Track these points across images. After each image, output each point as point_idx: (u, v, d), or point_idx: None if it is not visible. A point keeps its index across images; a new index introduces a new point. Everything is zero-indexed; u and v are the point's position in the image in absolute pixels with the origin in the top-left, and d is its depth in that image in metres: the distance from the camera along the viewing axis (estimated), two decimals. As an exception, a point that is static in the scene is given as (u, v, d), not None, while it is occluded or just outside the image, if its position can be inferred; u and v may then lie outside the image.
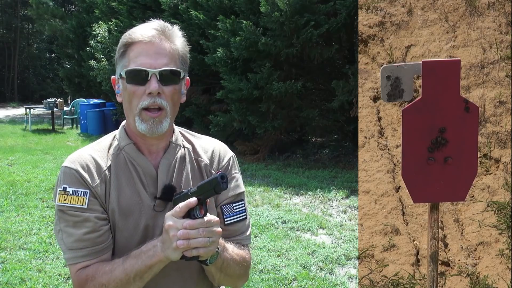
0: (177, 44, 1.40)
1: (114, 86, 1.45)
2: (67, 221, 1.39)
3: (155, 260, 1.28)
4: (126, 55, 1.37)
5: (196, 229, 1.21)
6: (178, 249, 1.22)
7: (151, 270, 1.30)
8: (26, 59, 32.80)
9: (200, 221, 1.23)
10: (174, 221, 1.23)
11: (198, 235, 1.21)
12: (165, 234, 1.25)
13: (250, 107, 9.06)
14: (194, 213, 1.25)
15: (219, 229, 1.26)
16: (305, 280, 4.08)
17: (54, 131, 14.83)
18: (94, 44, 13.88)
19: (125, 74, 1.36)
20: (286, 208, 6.20)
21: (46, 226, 5.50)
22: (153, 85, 1.34)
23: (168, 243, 1.24)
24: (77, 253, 1.38)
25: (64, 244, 1.40)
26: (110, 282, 1.32)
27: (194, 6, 10.09)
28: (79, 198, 1.38)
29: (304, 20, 8.11)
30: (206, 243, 1.22)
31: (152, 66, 1.34)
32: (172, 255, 1.25)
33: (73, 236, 1.38)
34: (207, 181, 1.25)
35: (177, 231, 1.22)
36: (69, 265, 1.40)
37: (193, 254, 1.24)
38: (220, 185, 1.21)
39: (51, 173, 8.33)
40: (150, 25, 1.39)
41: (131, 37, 1.37)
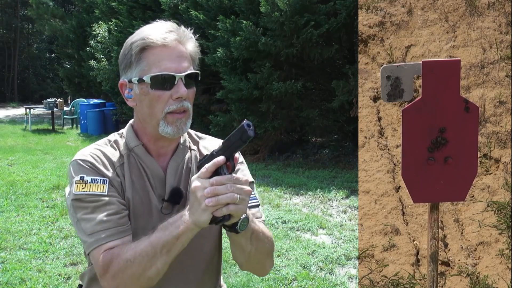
0: (192, 45, 1.40)
1: (121, 91, 1.42)
2: (86, 208, 1.34)
3: (182, 229, 1.21)
4: (144, 59, 1.34)
5: (224, 185, 1.15)
6: (207, 208, 1.16)
7: (179, 241, 1.23)
8: (26, 59, 32.80)
9: (227, 176, 1.17)
10: (201, 182, 1.17)
11: (226, 190, 1.15)
12: (192, 197, 1.19)
13: (250, 107, 9.06)
14: (221, 171, 1.19)
15: (248, 188, 1.19)
16: (305, 280, 4.08)
17: (54, 131, 14.83)
18: (94, 44, 13.89)
19: (149, 79, 1.33)
20: (286, 208, 6.20)
21: (46, 226, 5.50)
22: (182, 90, 1.33)
23: (196, 205, 1.18)
24: (100, 235, 1.32)
25: (83, 232, 1.33)
26: (136, 256, 1.26)
27: (194, 6, 10.09)
28: (98, 185, 1.35)
29: (304, 20, 8.11)
30: (236, 199, 1.15)
31: (178, 70, 1.33)
32: (201, 218, 1.18)
33: (94, 220, 1.32)
34: (232, 133, 1.17)
35: (204, 191, 1.16)
36: (93, 250, 1.32)
37: (224, 212, 1.17)
38: (247, 132, 1.13)
39: (51, 173, 8.33)
40: (163, 27, 1.37)
41: (148, 40, 1.33)
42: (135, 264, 1.25)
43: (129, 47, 1.36)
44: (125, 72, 1.39)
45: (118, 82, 1.43)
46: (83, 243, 1.36)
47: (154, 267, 1.25)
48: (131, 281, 1.27)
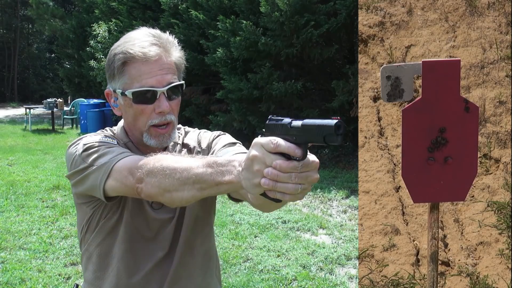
0: (175, 54, 1.38)
1: (108, 99, 1.42)
2: (98, 151, 1.31)
3: (227, 179, 1.07)
4: (127, 72, 1.33)
5: (288, 174, 0.97)
6: (260, 186, 1.00)
7: (217, 187, 1.10)
8: (26, 59, 32.80)
9: (294, 164, 0.97)
10: (263, 154, 0.98)
11: (288, 180, 0.97)
12: (249, 162, 1.01)
13: (250, 107, 9.06)
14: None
15: (316, 176, 1.00)
16: (305, 280, 4.08)
17: (54, 131, 14.83)
18: (94, 44, 13.88)
19: (131, 95, 1.32)
20: (286, 208, 6.20)
21: (46, 226, 5.50)
22: (164, 105, 1.33)
23: (250, 175, 1.01)
24: (124, 155, 1.28)
25: (99, 167, 1.28)
26: (172, 171, 1.15)
27: (194, 6, 10.09)
28: (109, 142, 1.36)
29: (304, 20, 8.11)
30: (296, 190, 0.97)
31: (160, 84, 1.32)
32: (251, 190, 1.03)
33: (112, 153, 1.29)
34: (317, 125, 0.95)
35: (264, 167, 0.98)
36: (118, 161, 1.26)
37: (277, 197, 1.01)
38: (334, 136, 0.92)
39: (51, 173, 8.33)
40: (146, 39, 1.34)
41: (129, 55, 1.31)
42: (169, 177, 1.16)
43: (112, 58, 1.35)
44: (110, 82, 1.39)
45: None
46: (98, 186, 1.29)
47: (180, 193, 1.15)
48: (158, 187, 1.19)
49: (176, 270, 1.42)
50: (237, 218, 5.70)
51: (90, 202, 1.40)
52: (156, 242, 1.42)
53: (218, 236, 5.10)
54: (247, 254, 4.64)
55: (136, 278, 1.41)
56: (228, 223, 5.52)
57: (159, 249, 1.42)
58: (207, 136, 1.50)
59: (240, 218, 5.71)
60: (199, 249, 1.48)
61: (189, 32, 10.32)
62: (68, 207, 6.13)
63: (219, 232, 5.21)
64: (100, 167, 1.29)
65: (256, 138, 1.02)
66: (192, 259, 1.46)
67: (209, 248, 1.53)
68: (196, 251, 1.47)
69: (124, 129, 1.47)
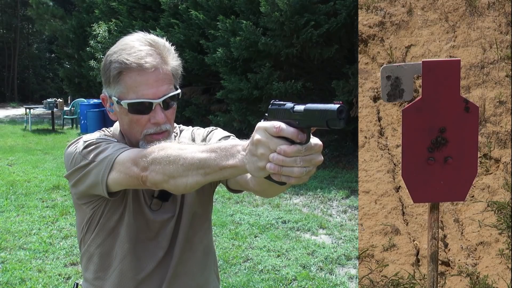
0: (172, 62, 1.37)
1: (104, 103, 1.42)
2: (99, 147, 1.31)
3: (231, 163, 1.06)
4: (122, 82, 1.32)
5: (293, 158, 0.97)
6: (265, 170, 0.99)
7: (221, 172, 1.09)
8: (26, 59, 32.81)
9: (298, 148, 0.97)
10: (267, 138, 0.98)
11: (293, 164, 0.96)
12: (253, 147, 1.01)
13: (250, 107, 9.06)
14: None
15: (320, 158, 1.00)
16: (305, 280, 4.08)
17: (54, 131, 14.83)
18: (94, 44, 13.88)
19: (126, 105, 1.32)
20: (286, 208, 6.20)
21: (46, 226, 5.50)
22: (160, 116, 1.32)
23: (254, 158, 1.01)
24: (125, 149, 1.29)
25: (100, 161, 1.28)
26: (176, 158, 1.15)
27: (194, 6, 10.09)
28: (109, 140, 1.36)
29: (304, 20, 8.11)
30: (302, 174, 0.97)
31: (155, 95, 1.31)
32: (255, 173, 1.02)
33: (111, 148, 1.29)
34: (320, 109, 0.95)
35: (269, 152, 0.98)
36: (120, 154, 1.27)
37: (282, 180, 1.00)
38: (336, 120, 0.92)
39: (51, 173, 8.33)
40: (142, 46, 1.33)
41: (124, 65, 1.30)
42: (173, 163, 1.16)
43: (108, 66, 1.34)
44: (105, 87, 1.38)
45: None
46: (101, 180, 1.29)
47: (185, 179, 1.15)
48: (162, 174, 1.18)
49: (176, 267, 1.43)
50: (237, 218, 5.70)
51: (90, 203, 1.40)
52: (157, 242, 1.43)
53: (218, 236, 5.10)
54: (247, 254, 4.64)
55: (140, 278, 1.42)
56: (228, 223, 5.52)
57: (160, 248, 1.43)
58: (201, 133, 1.50)
59: (240, 218, 5.71)
60: (198, 246, 1.49)
61: (189, 32, 10.32)
62: (68, 207, 6.13)
63: (219, 232, 5.21)
64: (102, 161, 1.29)
65: (259, 123, 1.01)
66: (192, 255, 1.47)
67: (208, 244, 1.53)
68: (196, 247, 1.48)
69: (121, 133, 1.47)
